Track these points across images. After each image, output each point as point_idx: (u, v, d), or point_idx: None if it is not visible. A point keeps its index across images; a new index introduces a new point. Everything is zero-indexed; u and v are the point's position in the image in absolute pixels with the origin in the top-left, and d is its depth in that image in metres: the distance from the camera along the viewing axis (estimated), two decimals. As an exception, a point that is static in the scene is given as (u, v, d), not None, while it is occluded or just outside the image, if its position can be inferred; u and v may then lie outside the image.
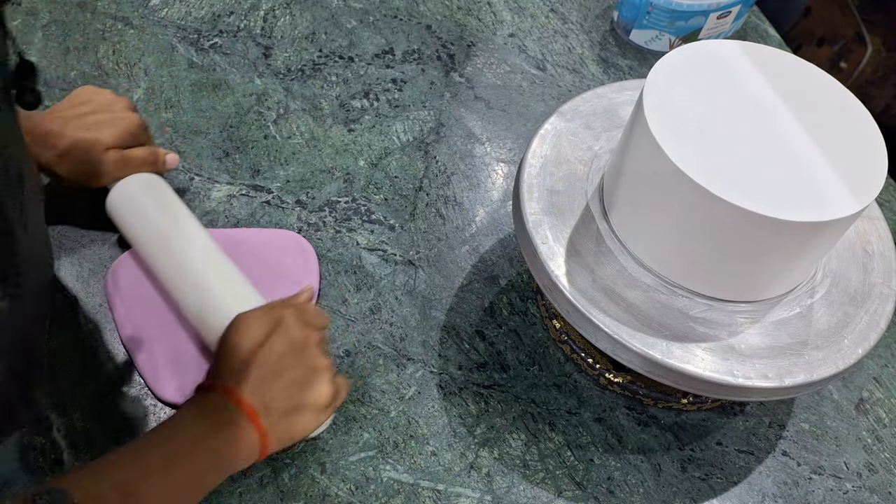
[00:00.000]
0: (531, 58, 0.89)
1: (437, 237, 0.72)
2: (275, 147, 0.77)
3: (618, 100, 0.63)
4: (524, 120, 0.83)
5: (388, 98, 0.82)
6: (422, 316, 0.67)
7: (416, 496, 0.57)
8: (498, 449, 0.60)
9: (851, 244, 0.58)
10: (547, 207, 0.56)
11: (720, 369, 0.50)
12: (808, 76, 0.53)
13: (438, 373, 0.64)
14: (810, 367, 0.51)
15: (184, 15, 0.87)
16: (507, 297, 0.69)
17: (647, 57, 0.91)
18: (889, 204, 0.81)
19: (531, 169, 0.58)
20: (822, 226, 0.46)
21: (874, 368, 0.69)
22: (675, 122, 0.49)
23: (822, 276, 0.56)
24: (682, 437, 0.63)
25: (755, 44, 0.55)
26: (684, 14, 0.87)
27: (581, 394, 0.64)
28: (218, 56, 0.83)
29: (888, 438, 0.65)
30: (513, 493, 0.58)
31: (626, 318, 0.51)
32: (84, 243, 0.68)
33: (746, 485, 0.61)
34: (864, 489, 0.62)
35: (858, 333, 0.53)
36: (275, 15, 0.89)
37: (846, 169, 0.48)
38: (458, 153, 0.79)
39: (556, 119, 0.62)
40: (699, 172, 0.46)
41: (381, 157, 0.77)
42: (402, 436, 0.60)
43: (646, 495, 0.60)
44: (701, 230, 0.48)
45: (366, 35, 0.88)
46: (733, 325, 0.52)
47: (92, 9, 0.86)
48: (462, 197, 0.75)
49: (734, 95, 0.51)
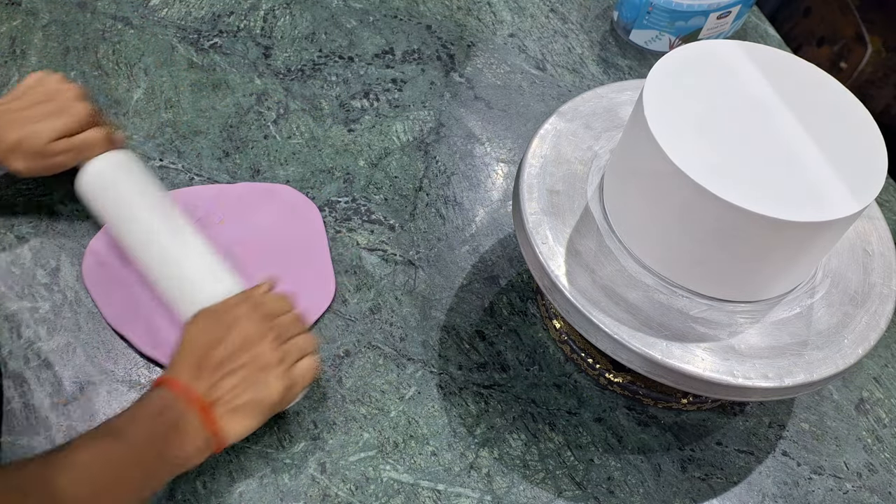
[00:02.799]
0: (531, 58, 0.89)
1: (437, 237, 0.72)
2: (275, 147, 0.77)
3: (618, 100, 0.63)
4: (524, 120, 0.83)
5: (388, 98, 0.82)
6: (422, 316, 0.67)
7: (416, 496, 0.57)
8: (498, 449, 0.60)
9: (851, 244, 0.58)
10: (547, 207, 0.56)
11: (720, 369, 0.50)
12: (808, 76, 0.53)
13: (438, 373, 0.64)
14: (810, 367, 0.51)
15: (184, 15, 0.87)
16: (507, 297, 0.69)
17: (647, 57, 0.91)
18: (889, 204, 0.81)
19: (531, 169, 0.58)
20: (822, 226, 0.46)
21: (874, 368, 0.69)
22: (675, 122, 0.49)
23: (822, 276, 0.56)
24: (682, 437, 0.63)
25: (755, 44, 0.55)
26: (684, 14, 0.87)
27: (581, 394, 0.64)
28: (218, 56, 0.83)
29: (888, 438, 0.65)
30: (513, 493, 0.58)
31: (626, 318, 0.51)
32: (84, 243, 0.67)
33: (746, 485, 0.61)
34: (864, 489, 0.62)
35: (858, 333, 0.53)
36: (275, 15, 0.89)
37: (846, 169, 0.48)
38: (458, 153, 0.79)
39: (556, 119, 0.62)
40: (699, 172, 0.46)
41: (381, 157, 0.77)
42: (402, 436, 0.60)
43: (646, 495, 0.60)
44: (701, 230, 0.48)
45: (366, 35, 0.88)
46: (733, 325, 0.52)
47: (92, 9, 0.86)
48: (462, 197, 0.75)
49: (734, 95, 0.51)
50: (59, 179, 0.67)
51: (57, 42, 0.82)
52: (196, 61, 0.82)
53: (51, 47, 0.81)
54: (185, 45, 0.84)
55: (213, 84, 0.81)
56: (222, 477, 0.57)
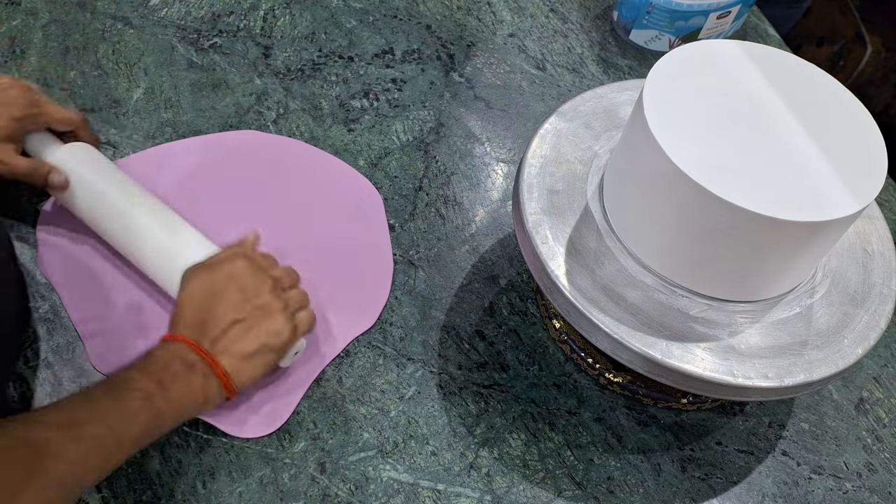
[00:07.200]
0: (531, 58, 0.89)
1: (436, 237, 0.72)
2: (275, 147, 0.77)
3: (618, 100, 0.63)
4: (524, 120, 0.83)
5: (388, 98, 0.82)
6: (422, 316, 0.67)
7: (415, 496, 0.57)
8: (498, 449, 0.60)
9: (851, 244, 0.58)
10: (547, 207, 0.56)
11: (720, 369, 0.50)
12: (808, 76, 0.53)
13: (438, 373, 0.64)
14: (810, 367, 0.51)
15: (183, 15, 0.87)
16: (507, 297, 0.69)
17: (647, 57, 0.91)
18: (889, 204, 0.81)
19: (531, 169, 0.58)
20: (821, 226, 0.46)
21: (874, 368, 0.69)
22: (675, 122, 0.49)
23: (822, 276, 0.56)
24: (681, 437, 0.63)
25: (755, 44, 0.55)
26: (684, 14, 0.87)
27: (581, 394, 0.64)
28: (218, 56, 0.83)
29: (888, 438, 0.65)
30: (513, 493, 0.58)
31: (626, 318, 0.51)
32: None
33: (746, 485, 0.61)
34: (864, 489, 0.62)
35: (858, 333, 0.53)
36: (274, 15, 0.89)
37: (846, 169, 0.48)
38: (457, 153, 0.79)
39: (555, 119, 0.62)
40: (699, 172, 0.46)
41: (380, 156, 0.77)
42: (402, 436, 0.60)
43: (646, 495, 0.60)
44: (701, 230, 0.48)
45: (366, 35, 0.88)
46: (733, 325, 0.52)
47: (92, 9, 0.86)
48: (462, 197, 0.75)
49: (734, 95, 0.51)
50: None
51: (57, 42, 0.82)
52: (196, 61, 0.82)
53: (51, 47, 0.81)
54: (184, 44, 0.84)
55: (213, 84, 0.81)
56: (222, 477, 0.57)
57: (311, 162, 0.76)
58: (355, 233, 0.71)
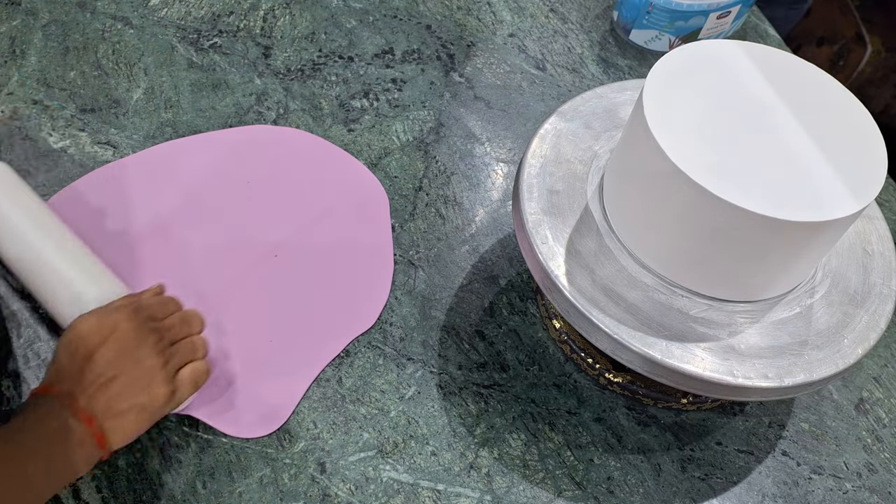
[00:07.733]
0: (531, 58, 0.89)
1: (436, 237, 0.72)
2: (275, 147, 0.77)
3: (618, 100, 0.63)
4: (524, 120, 0.83)
5: (388, 98, 0.82)
6: (422, 316, 0.67)
7: (415, 496, 0.57)
8: (498, 449, 0.60)
9: (851, 244, 0.58)
10: (547, 207, 0.56)
11: (720, 369, 0.50)
12: (808, 76, 0.53)
13: (438, 373, 0.64)
14: (810, 367, 0.51)
15: (183, 15, 0.87)
16: (507, 297, 0.69)
17: (647, 57, 0.91)
18: (889, 204, 0.81)
19: (531, 169, 0.58)
20: (821, 226, 0.46)
21: (874, 368, 0.69)
22: (675, 122, 0.49)
23: (821, 276, 0.56)
24: (681, 437, 0.63)
25: (755, 44, 0.55)
26: (684, 14, 0.87)
27: (581, 394, 0.64)
28: (218, 56, 0.83)
29: (888, 438, 0.65)
30: (513, 493, 0.58)
31: (626, 318, 0.51)
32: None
33: (746, 485, 0.61)
34: (864, 489, 0.62)
35: (858, 333, 0.53)
36: (274, 15, 0.89)
37: (846, 169, 0.48)
38: (457, 153, 0.79)
39: (555, 119, 0.62)
40: (699, 172, 0.46)
41: (380, 156, 0.77)
42: (402, 436, 0.60)
43: (645, 495, 0.60)
44: (701, 230, 0.48)
45: (365, 35, 0.88)
46: (733, 325, 0.52)
47: (92, 9, 0.86)
48: (462, 197, 0.75)
49: (734, 95, 0.51)
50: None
51: (57, 42, 0.82)
52: (196, 61, 0.82)
53: (51, 47, 0.81)
54: (184, 44, 0.84)
55: (213, 84, 0.81)
56: (222, 477, 0.57)
57: (320, 156, 0.76)
58: (358, 232, 0.71)
